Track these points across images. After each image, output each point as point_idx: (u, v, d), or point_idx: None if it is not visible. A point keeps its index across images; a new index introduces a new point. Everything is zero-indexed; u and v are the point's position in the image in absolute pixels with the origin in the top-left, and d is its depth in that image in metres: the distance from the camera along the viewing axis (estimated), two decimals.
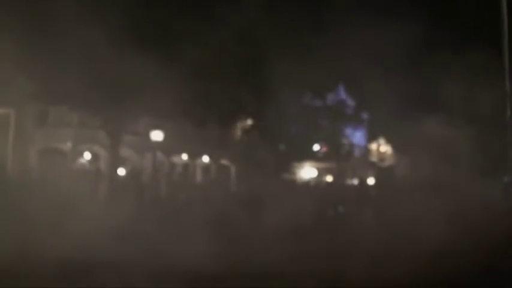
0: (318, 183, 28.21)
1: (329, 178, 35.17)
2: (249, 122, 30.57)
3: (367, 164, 36.73)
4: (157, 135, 22.51)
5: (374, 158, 40.67)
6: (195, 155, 30.62)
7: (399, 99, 25.21)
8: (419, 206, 16.28)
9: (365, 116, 38.67)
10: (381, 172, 32.58)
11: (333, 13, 23.67)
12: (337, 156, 34.04)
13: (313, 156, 33.47)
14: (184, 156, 30.22)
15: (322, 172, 36.66)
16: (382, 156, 41.94)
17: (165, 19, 16.70)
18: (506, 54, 15.83)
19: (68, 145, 24.55)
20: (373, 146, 41.87)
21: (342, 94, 35.86)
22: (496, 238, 10.64)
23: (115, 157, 21.32)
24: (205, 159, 31.65)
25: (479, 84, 23.33)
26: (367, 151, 40.65)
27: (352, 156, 35.77)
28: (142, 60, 17.47)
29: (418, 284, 8.44)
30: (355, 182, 32.58)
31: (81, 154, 23.77)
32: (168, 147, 27.00)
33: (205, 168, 32.17)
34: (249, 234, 15.46)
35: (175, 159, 29.80)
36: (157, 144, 22.80)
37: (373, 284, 8.53)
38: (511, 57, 16.11)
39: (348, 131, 36.85)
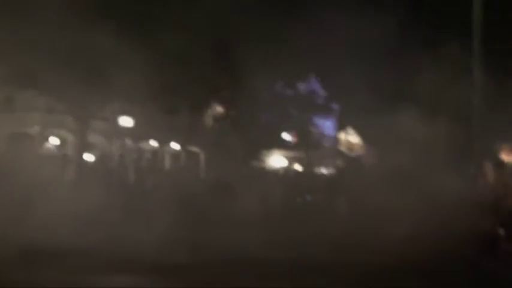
0: (287, 171, 28.29)
1: (298, 167, 35.33)
2: (220, 109, 30.50)
3: (335, 154, 36.97)
4: (126, 121, 22.29)
5: (343, 148, 40.97)
6: (164, 142, 30.44)
7: (369, 90, 25.42)
8: (386, 195, 16.49)
9: (335, 106, 38.90)
10: (349, 162, 32.85)
11: (306, 2, 23.72)
12: (307, 145, 34.20)
13: (282, 145, 33.59)
14: (153, 143, 30.02)
15: (291, 161, 36.81)
16: (350, 146, 42.27)
17: (136, 3, 16.49)
18: (475, 47, 16.05)
19: (35, 130, 24.17)
20: (342, 136, 42.17)
21: (314, 84, 35.98)
22: (462, 228, 10.83)
23: (83, 142, 21.05)
24: (175, 146, 31.49)
25: (448, 76, 23.67)
26: (336, 141, 40.93)
27: (321, 146, 35.97)
28: (111, 45, 17.26)
29: (385, 269, 8.57)
30: (324, 171, 32.86)
31: (48, 139, 23.42)
32: (137, 134, 26.79)
33: (175, 155, 32.02)
34: (218, 221, 15.52)
35: (144, 145, 29.59)
36: (126, 130, 22.58)
37: (340, 269, 8.63)
38: (480, 50, 16.33)
39: (318, 120, 37.04)
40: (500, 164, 10.26)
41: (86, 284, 7.52)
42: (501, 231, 7.50)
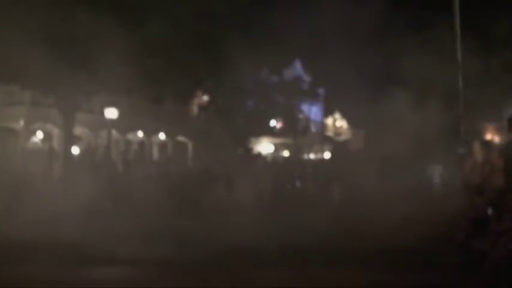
0: (275, 158, 28.31)
1: (286, 153, 35.39)
2: (206, 98, 30.44)
3: (323, 139, 37.07)
4: (111, 113, 22.14)
5: (330, 133, 41.11)
6: (151, 132, 30.35)
7: (354, 74, 25.44)
8: (375, 180, 16.58)
9: (321, 91, 38.94)
10: (336, 146, 32.95)
11: None
12: (294, 132, 34.26)
13: (270, 132, 33.61)
14: (140, 134, 29.92)
15: (278, 147, 36.85)
16: (337, 130, 42.42)
17: None
18: (458, 29, 16.11)
19: (20, 124, 23.96)
20: (329, 121, 42.29)
21: (298, 70, 35.98)
22: (452, 209, 10.91)
23: (68, 135, 20.93)
24: (162, 136, 31.40)
25: (433, 59, 23.73)
26: (323, 126, 41.03)
27: (308, 131, 36.04)
28: (95, 36, 17.13)
29: (376, 253, 8.62)
30: (312, 156, 32.93)
31: (34, 133, 23.25)
32: (123, 125, 26.65)
33: (162, 145, 31.94)
34: (208, 211, 15.52)
35: (130, 136, 29.48)
36: (112, 121, 22.44)
37: (334, 254, 8.67)
38: (463, 31, 16.40)
39: (304, 106, 37.09)
40: (486, 143, 10.29)
41: (74, 276, 7.48)
42: (490, 212, 7.53)
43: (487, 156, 9.73)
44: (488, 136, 24.91)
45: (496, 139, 25.17)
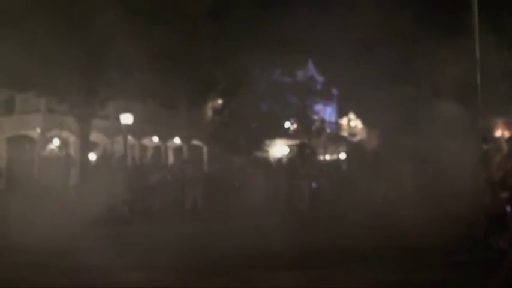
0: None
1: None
2: (220, 101, 30.47)
3: (338, 139, 36.95)
4: (127, 118, 22.24)
5: (345, 133, 40.97)
6: (166, 137, 30.45)
7: (368, 73, 25.39)
8: (393, 179, 16.49)
9: (334, 91, 38.85)
10: (352, 146, 32.83)
11: None
12: (308, 133, 34.16)
13: (284, 134, 33.55)
14: (155, 139, 30.03)
15: (293, 149, 36.75)
16: (352, 131, 42.26)
17: (132, 1, 16.47)
18: (476, 25, 15.98)
19: (37, 131, 24.16)
20: (344, 121, 42.14)
21: (311, 70, 35.91)
22: (471, 207, 10.83)
23: (85, 142, 21.06)
24: (177, 140, 31.48)
25: (450, 54, 23.59)
26: (337, 126, 40.91)
27: (323, 132, 35.93)
28: (109, 43, 17.25)
29: (395, 252, 8.59)
30: (327, 157, 32.82)
31: (50, 140, 23.42)
32: (138, 130, 26.78)
33: (177, 149, 32.03)
34: (225, 214, 15.56)
35: (146, 141, 29.60)
36: (127, 127, 22.55)
37: (355, 254, 8.65)
38: (481, 27, 16.27)
39: (318, 107, 37.00)
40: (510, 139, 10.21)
41: (93, 282, 7.53)
42: (509, 209, 7.47)
43: (509, 152, 9.67)
44: (498, 131, 24.73)
45: (506, 134, 24.99)
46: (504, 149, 9.79)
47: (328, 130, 38.11)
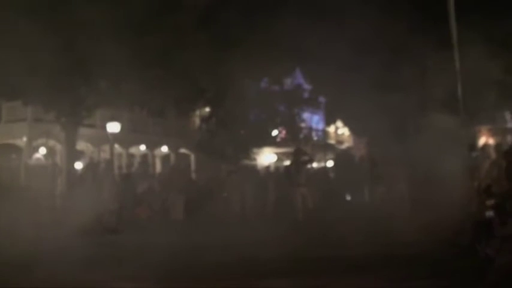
0: (278, 168, 28.25)
1: (288, 162, 35.27)
2: (207, 109, 30.44)
3: (325, 148, 37.01)
4: (113, 127, 22.15)
5: (332, 141, 41.06)
6: (153, 145, 30.36)
7: (354, 82, 25.48)
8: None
9: (322, 99, 38.94)
10: (339, 154, 32.88)
11: None
12: (296, 141, 34.18)
13: (272, 141, 33.54)
14: (143, 147, 29.93)
15: (281, 157, 36.79)
16: (339, 138, 42.38)
17: (121, 5, 16.40)
18: (454, 37, 16.12)
19: (23, 140, 24.00)
20: (331, 129, 42.25)
21: (299, 79, 35.99)
22: (456, 214, 10.89)
23: (71, 151, 20.94)
24: (164, 149, 31.41)
25: (432, 65, 23.79)
26: (325, 134, 40.99)
27: (310, 140, 35.98)
28: (96, 51, 17.16)
29: (381, 259, 8.60)
30: (314, 165, 32.78)
31: (36, 149, 23.27)
32: (125, 139, 26.69)
33: (165, 157, 31.95)
34: (212, 223, 15.52)
35: (133, 150, 29.49)
36: (114, 135, 22.46)
37: (339, 263, 8.64)
38: (460, 40, 16.43)
39: (306, 115, 37.06)
40: (497, 147, 10.31)
41: None
42: (494, 216, 7.50)
43: (495, 159, 9.77)
44: (483, 139, 24.94)
45: (491, 142, 25.22)
46: (492, 157, 9.89)
47: (315, 138, 38.19)
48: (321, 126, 42.17)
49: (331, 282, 7.50)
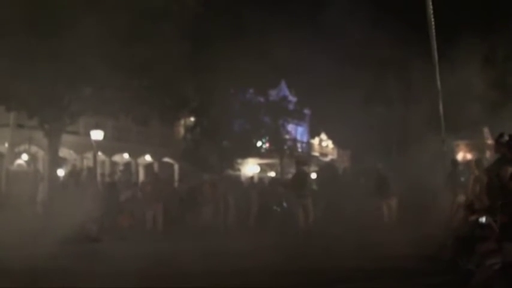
0: (261, 179, 28.30)
1: (272, 174, 35.37)
2: (192, 119, 30.42)
3: (309, 159, 37.10)
4: (97, 135, 22.05)
5: (316, 153, 41.20)
6: (137, 154, 30.24)
7: (339, 95, 25.66)
8: (360, 199, 16.59)
9: (306, 111, 39.11)
10: (323, 166, 32.98)
11: (274, 10, 23.84)
12: (280, 152, 34.26)
13: (256, 152, 33.57)
14: (126, 155, 29.80)
15: (265, 168, 36.85)
16: (323, 151, 42.54)
17: (106, 15, 16.35)
18: (435, 52, 16.36)
19: (5, 146, 23.78)
20: (315, 141, 42.41)
21: (284, 90, 36.13)
22: (439, 229, 10.96)
23: (54, 158, 20.77)
24: (148, 157, 31.31)
25: (414, 78, 24.01)
26: (309, 146, 41.12)
27: (294, 152, 36.06)
28: (80, 58, 17.09)
29: (362, 272, 8.62)
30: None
31: (19, 155, 23.06)
32: (109, 147, 26.58)
33: (148, 166, 31.82)
34: (195, 233, 15.46)
35: (116, 158, 29.35)
36: (97, 143, 22.35)
37: (320, 275, 8.64)
38: (440, 54, 16.66)
39: (291, 126, 37.17)
40: (478, 162, 10.39)
41: None
42: (477, 232, 7.56)
43: (478, 175, 9.85)
44: (461, 155, 25.19)
45: (468, 157, 25.48)
46: (475, 172, 9.97)
47: (299, 150, 38.28)
48: (305, 138, 42.33)
49: None
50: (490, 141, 26.11)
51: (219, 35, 20.62)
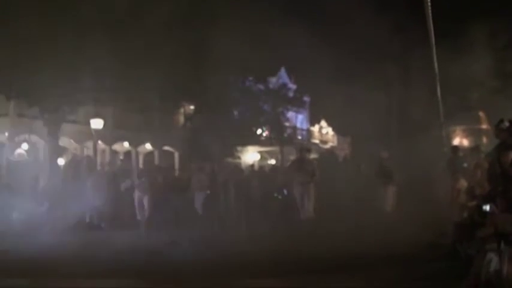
0: (261, 166, 28.32)
1: (272, 161, 35.37)
2: (192, 107, 30.38)
3: (309, 146, 37.07)
4: (97, 123, 22.01)
5: (316, 140, 41.17)
6: (137, 142, 30.23)
7: (338, 81, 25.63)
8: (360, 186, 16.60)
9: (306, 99, 39.04)
10: (323, 154, 32.98)
11: None
12: (280, 140, 34.23)
13: (256, 140, 33.54)
14: (126, 144, 29.79)
15: (265, 155, 36.84)
16: (323, 138, 42.50)
17: (105, 1, 16.31)
18: (432, 37, 16.31)
19: (5, 135, 23.76)
20: (315, 129, 42.36)
21: (284, 78, 36.03)
22: (438, 215, 10.98)
23: (54, 147, 20.79)
24: (148, 146, 31.30)
25: (413, 66, 23.96)
26: (309, 134, 41.08)
27: (294, 139, 36.03)
28: (81, 46, 17.07)
29: (362, 259, 8.64)
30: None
31: (19, 144, 23.02)
32: (109, 135, 26.56)
33: (148, 154, 31.83)
34: (197, 221, 15.50)
35: (116, 147, 29.34)
36: (97, 132, 22.33)
37: (322, 263, 8.66)
38: (438, 38, 16.60)
39: (291, 114, 37.11)
40: (477, 148, 10.41)
41: None
42: (476, 217, 7.58)
43: (477, 161, 9.86)
44: (457, 140, 25.18)
45: (465, 143, 25.48)
46: (478, 158, 9.98)
47: (299, 137, 38.25)
48: (305, 125, 42.28)
49: (313, 283, 7.51)
50: (486, 127, 26.12)
51: (218, 21, 20.52)
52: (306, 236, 11.30)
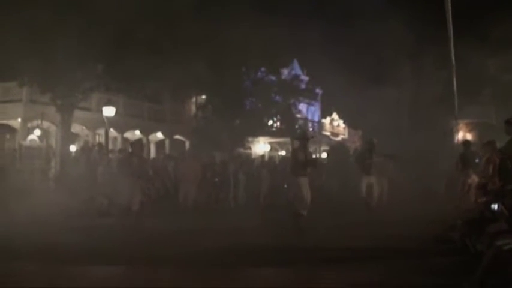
0: (272, 157, 28.29)
1: (282, 152, 35.36)
2: (203, 97, 30.40)
3: (320, 139, 37.05)
4: (109, 111, 22.10)
5: (327, 133, 41.10)
6: (148, 131, 30.34)
7: (352, 75, 25.56)
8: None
9: (318, 91, 38.92)
10: (334, 146, 32.96)
11: None
12: (291, 131, 34.15)
13: (267, 131, 33.51)
14: (138, 132, 29.90)
15: (276, 146, 36.83)
16: (335, 130, 42.42)
17: None
18: (451, 33, 16.15)
19: (17, 121, 23.92)
20: (327, 121, 42.27)
21: (296, 69, 35.92)
22: (448, 209, 10.94)
23: (66, 133, 20.91)
24: (159, 134, 31.42)
25: (427, 61, 23.82)
26: (320, 125, 41.00)
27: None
28: (93, 35, 17.12)
29: (373, 253, 8.65)
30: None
31: (31, 130, 23.17)
32: (120, 123, 26.66)
33: (160, 143, 31.95)
34: (205, 211, 15.56)
35: (128, 135, 29.46)
36: (109, 120, 22.42)
37: (332, 253, 8.69)
38: (456, 34, 16.46)
39: (302, 106, 37.02)
40: (491, 144, 10.30)
41: (72, 274, 7.49)
42: (487, 213, 7.56)
43: (490, 156, 9.80)
44: (460, 134, 25.10)
45: (468, 137, 25.38)
46: (491, 154, 9.90)
47: (310, 129, 38.17)
48: (316, 117, 42.19)
49: (321, 274, 7.54)
50: (496, 122, 26.01)
51: (231, 13, 20.49)
52: (311, 226, 11.30)
